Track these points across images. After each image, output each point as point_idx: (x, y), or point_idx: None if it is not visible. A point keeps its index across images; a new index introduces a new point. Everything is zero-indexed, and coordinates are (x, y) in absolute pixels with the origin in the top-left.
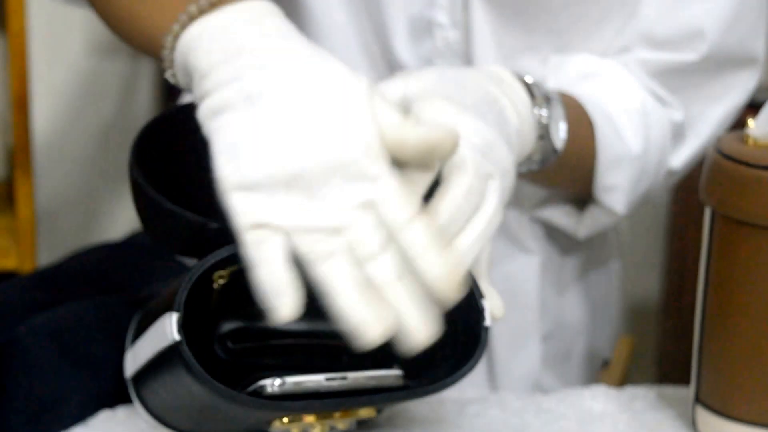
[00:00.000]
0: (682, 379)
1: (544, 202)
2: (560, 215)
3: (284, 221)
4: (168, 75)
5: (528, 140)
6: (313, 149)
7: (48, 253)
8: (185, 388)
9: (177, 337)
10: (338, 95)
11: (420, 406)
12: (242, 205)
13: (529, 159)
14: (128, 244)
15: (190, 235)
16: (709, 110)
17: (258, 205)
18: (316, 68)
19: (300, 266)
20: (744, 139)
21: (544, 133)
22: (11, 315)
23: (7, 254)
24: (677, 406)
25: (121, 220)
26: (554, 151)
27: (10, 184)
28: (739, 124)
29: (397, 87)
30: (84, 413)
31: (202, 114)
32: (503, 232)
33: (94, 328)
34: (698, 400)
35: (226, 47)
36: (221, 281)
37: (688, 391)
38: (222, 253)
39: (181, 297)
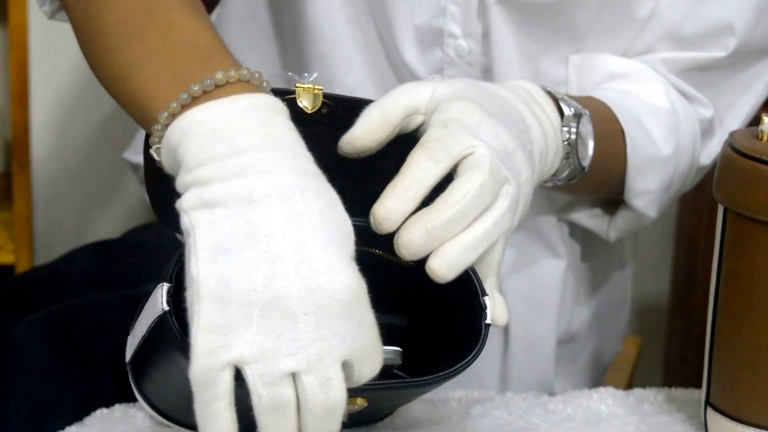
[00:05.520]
0: (689, 381)
1: (576, 206)
2: (591, 218)
3: (245, 352)
4: (151, 151)
5: (553, 161)
6: (305, 278)
7: (45, 248)
8: (176, 366)
9: (166, 306)
10: (341, 231)
11: (424, 406)
12: (209, 322)
13: (554, 176)
14: (125, 241)
15: None
16: (737, 102)
17: (225, 327)
18: (322, 190)
19: None
20: (758, 136)
21: (571, 151)
22: (6, 316)
23: (4, 249)
24: (686, 409)
25: (119, 214)
26: (581, 168)
27: (7, 178)
28: (753, 120)
29: (426, 89)
30: (82, 412)
31: (188, 202)
32: (537, 236)
33: (93, 326)
34: (709, 402)
35: (232, 142)
36: None
37: (698, 394)
38: None
39: (173, 268)
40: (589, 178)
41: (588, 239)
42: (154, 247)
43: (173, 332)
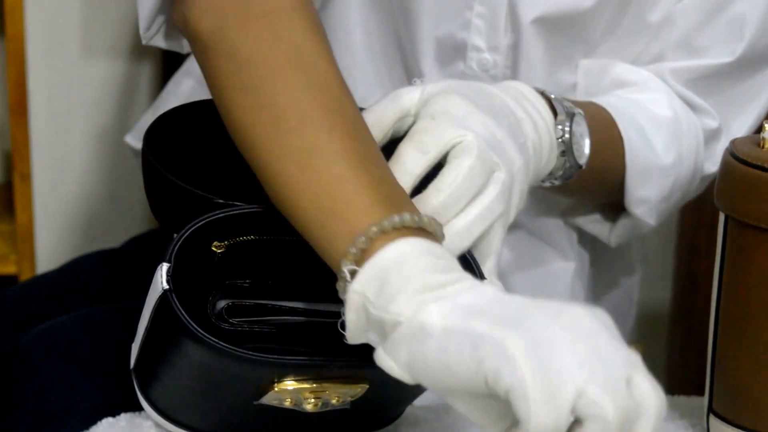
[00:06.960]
0: (692, 388)
1: (579, 210)
2: (593, 222)
3: (579, 378)
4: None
5: (548, 157)
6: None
7: (47, 258)
8: (180, 353)
9: (166, 285)
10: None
11: (426, 414)
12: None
13: (551, 175)
14: (126, 250)
15: (197, 211)
16: (744, 111)
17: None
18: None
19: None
20: (759, 143)
21: (566, 149)
22: (8, 326)
23: (6, 260)
24: (689, 416)
25: (120, 224)
26: (578, 167)
27: (8, 189)
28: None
29: (416, 91)
30: (89, 422)
31: (438, 314)
32: (545, 239)
33: (97, 337)
34: (712, 410)
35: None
36: (219, 251)
37: (701, 401)
38: (218, 214)
39: (173, 248)
40: (586, 178)
41: (597, 244)
42: (156, 257)
43: (175, 312)
